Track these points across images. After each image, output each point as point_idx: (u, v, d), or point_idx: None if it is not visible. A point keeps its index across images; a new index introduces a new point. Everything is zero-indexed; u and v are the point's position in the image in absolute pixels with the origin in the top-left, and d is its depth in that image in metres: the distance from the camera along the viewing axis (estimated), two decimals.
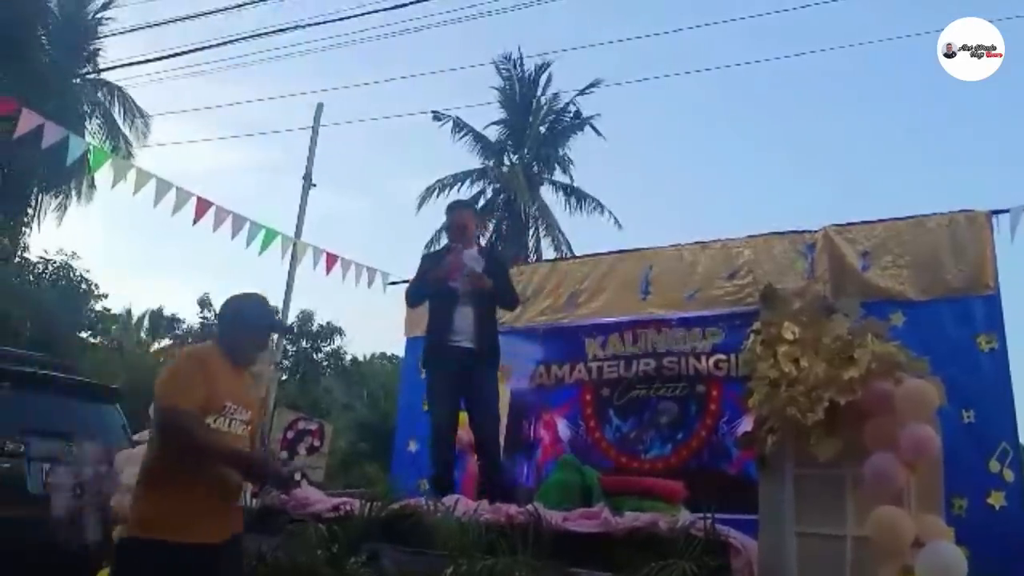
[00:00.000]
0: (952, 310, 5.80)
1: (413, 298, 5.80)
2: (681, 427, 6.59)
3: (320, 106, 12.98)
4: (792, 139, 58.13)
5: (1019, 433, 5.54)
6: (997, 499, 5.33)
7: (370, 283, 8.56)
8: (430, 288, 5.46)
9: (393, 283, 8.69)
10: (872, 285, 6.03)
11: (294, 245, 8.79)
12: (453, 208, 5.93)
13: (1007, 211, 5.87)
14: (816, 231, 6.46)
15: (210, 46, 11.28)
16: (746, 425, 4.55)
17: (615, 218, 23.40)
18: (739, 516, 3.94)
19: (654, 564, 3.37)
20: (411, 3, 10.25)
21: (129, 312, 29.32)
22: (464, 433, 6.40)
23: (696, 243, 7.04)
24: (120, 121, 23.26)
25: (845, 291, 5.84)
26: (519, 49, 24.42)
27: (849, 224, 6.39)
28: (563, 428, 7.05)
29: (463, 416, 6.51)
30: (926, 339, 5.24)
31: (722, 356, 6.48)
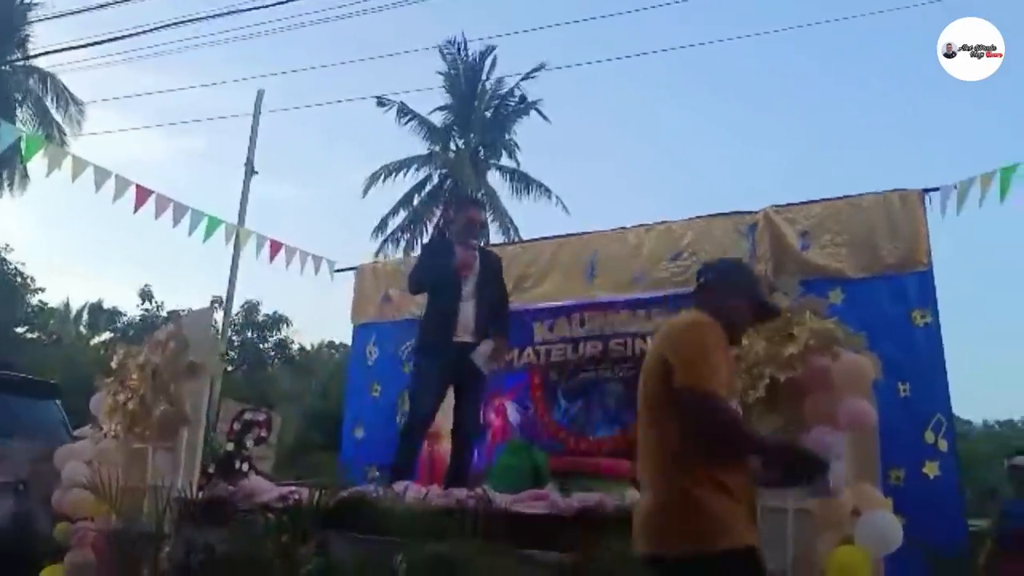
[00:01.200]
0: (888, 286, 5.95)
1: (416, 286, 5.80)
2: (627, 408, 6.66)
3: (261, 92, 12.82)
4: (736, 119, 58.88)
5: (952, 405, 5.72)
6: (932, 469, 5.49)
7: (316, 271, 8.46)
8: (437, 278, 5.50)
9: (339, 270, 8.61)
10: (811, 264, 6.15)
11: (237, 233, 8.64)
12: (466, 206, 6.11)
13: (938, 189, 6.02)
14: (757, 212, 6.55)
15: (146, 31, 11.01)
16: None
17: (562, 203, 23.50)
18: None
19: (602, 542, 3.41)
20: None
21: (67, 305, 28.68)
22: None
23: (640, 226, 7.10)
24: (52, 109, 22.61)
25: (786, 270, 5.96)
26: (463, 34, 24.22)
27: (789, 204, 6.50)
28: (512, 412, 7.08)
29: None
30: (863, 315, 5.37)
31: None
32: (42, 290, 23.63)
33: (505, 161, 24.54)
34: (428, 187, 23.99)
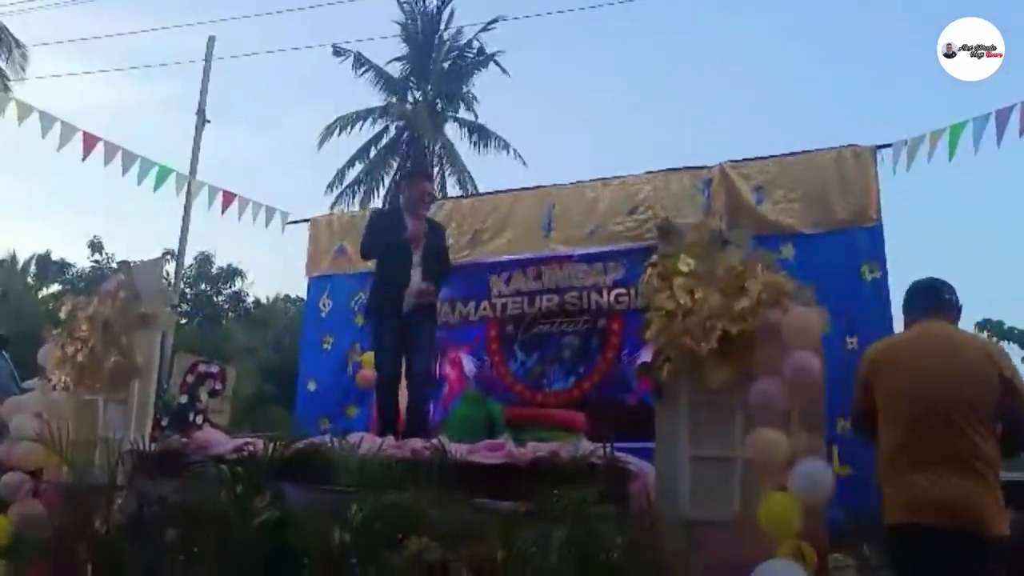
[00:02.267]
0: (838, 242, 6.07)
1: (368, 251, 5.85)
2: (583, 360, 6.74)
3: (212, 39, 12.49)
4: (698, 71, 58.81)
5: None
6: None
7: (267, 222, 8.37)
8: (389, 247, 5.56)
9: (293, 222, 8.53)
10: (765, 219, 6.24)
11: (189, 183, 8.49)
12: (419, 178, 6.14)
13: (890, 146, 6.12)
14: (712, 167, 6.62)
15: None
16: (645, 356, 4.68)
17: (520, 156, 23.38)
18: (638, 444, 4.09)
19: (556, 492, 3.46)
20: None
21: (14, 257, 27.96)
22: (370, 373, 6.41)
23: (598, 180, 7.12)
24: None
25: (740, 225, 6.00)
26: None
27: (744, 160, 6.57)
28: (468, 364, 7.12)
29: (371, 357, 6.54)
30: (815, 270, 5.47)
31: (622, 290, 6.62)
32: None
33: (463, 114, 24.31)
34: (385, 139, 23.68)
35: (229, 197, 8.23)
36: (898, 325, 5.82)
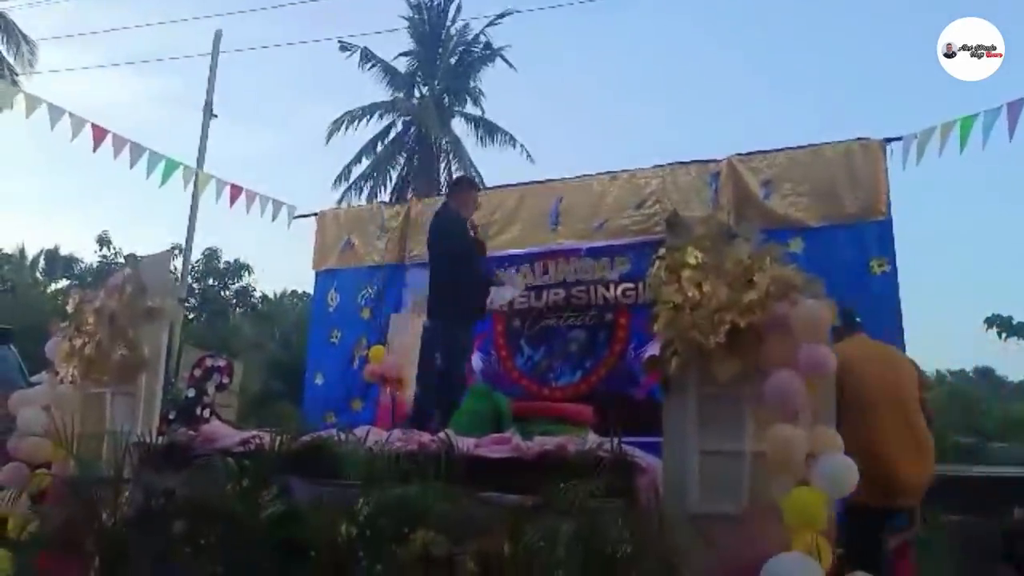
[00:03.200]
0: (848, 235, 6.04)
1: (443, 254, 5.90)
2: (590, 354, 6.72)
3: (219, 33, 12.41)
4: (706, 65, 58.69)
5: (907, 350, 5.83)
6: None
7: (274, 216, 8.35)
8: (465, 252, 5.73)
9: (300, 216, 8.52)
10: (773, 213, 6.21)
11: (196, 176, 8.48)
12: (473, 185, 6.55)
13: (900, 139, 6.07)
14: (720, 160, 6.59)
15: None
16: (653, 350, 4.66)
17: (527, 151, 23.31)
18: (646, 439, 4.06)
19: (563, 486, 3.44)
20: None
21: (22, 251, 28.06)
22: (377, 367, 6.41)
23: (605, 174, 7.10)
24: (2, 48, 21.84)
25: (748, 219, 6.02)
26: None
27: (752, 153, 6.53)
28: (476, 359, 7.10)
29: (379, 350, 6.53)
30: (823, 264, 5.45)
31: (630, 285, 6.60)
32: None
33: (470, 109, 24.24)
34: (392, 134, 23.66)
35: (236, 190, 8.22)
36: (908, 319, 5.83)
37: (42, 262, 28.40)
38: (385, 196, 22.39)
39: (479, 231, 5.91)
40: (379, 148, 23.50)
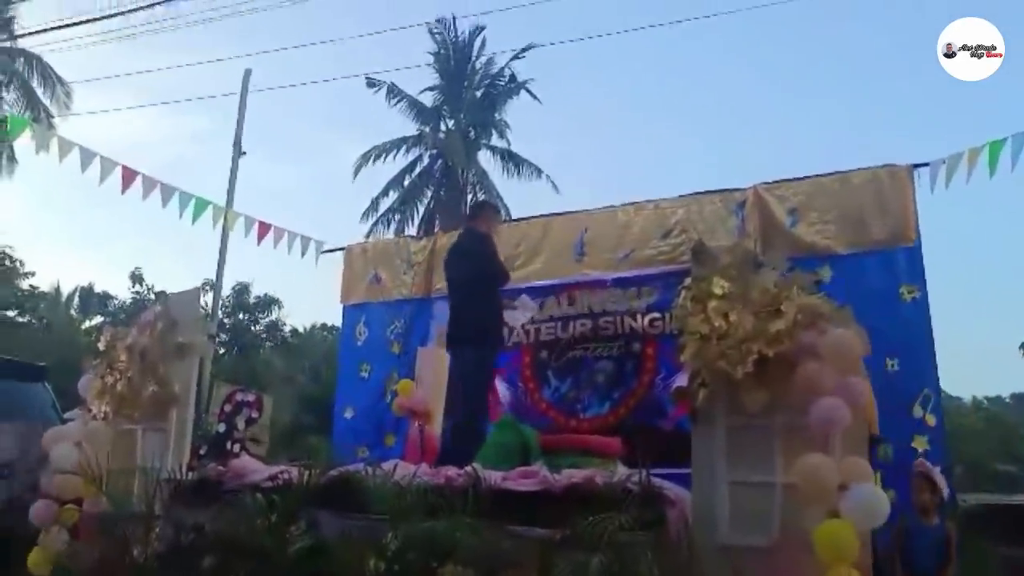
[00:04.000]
0: (876, 262, 5.97)
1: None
2: (618, 385, 6.68)
3: (248, 72, 12.68)
4: (729, 96, 58.77)
5: (940, 380, 5.75)
6: (920, 443, 5.54)
7: (303, 252, 8.44)
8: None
9: (328, 251, 8.60)
10: (800, 241, 6.17)
11: (225, 214, 8.60)
12: (498, 210, 6.73)
13: (927, 164, 6.03)
14: (746, 189, 6.57)
15: (132, 10, 10.86)
16: (681, 381, 4.63)
17: (552, 182, 23.40)
18: (675, 470, 4.02)
19: (591, 519, 3.41)
20: None
21: (58, 289, 28.53)
22: (405, 400, 6.41)
23: (630, 204, 7.10)
24: (39, 91, 22.35)
25: (774, 247, 5.98)
26: (452, 14, 24.00)
27: (778, 181, 6.51)
28: (503, 390, 7.08)
29: (407, 384, 6.55)
30: (852, 291, 5.39)
31: (657, 315, 6.56)
32: (32, 274, 23.50)
33: (496, 141, 24.41)
34: (419, 168, 23.85)
35: (265, 227, 8.32)
36: (941, 347, 5.74)
37: (77, 299, 28.84)
38: (413, 229, 22.55)
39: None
40: (407, 181, 23.69)
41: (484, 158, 24.27)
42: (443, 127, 24.40)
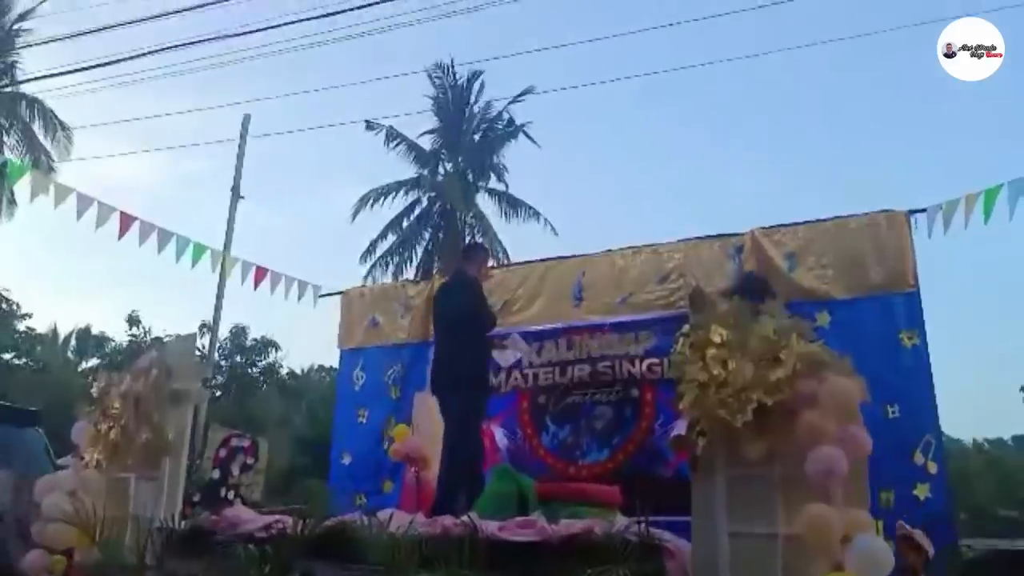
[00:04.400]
0: (875, 308, 5.96)
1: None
2: (616, 431, 6.63)
3: (247, 117, 12.77)
4: (726, 141, 59.29)
5: (941, 423, 5.71)
6: (922, 491, 5.48)
7: (300, 296, 8.44)
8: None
9: (325, 295, 8.58)
10: (798, 286, 6.16)
11: (223, 259, 8.61)
12: (488, 253, 6.69)
13: (924, 210, 6.04)
14: (743, 234, 6.57)
15: (133, 57, 10.98)
16: (680, 427, 4.58)
17: (551, 225, 23.50)
18: (675, 518, 3.97)
19: (590, 571, 3.36)
20: (339, 12, 10.10)
21: (55, 331, 28.50)
22: (401, 446, 6.36)
23: (628, 248, 7.10)
24: (41, 135, 22.52)
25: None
26: (451, 59, 24.25)
27: (775, 226, 6.51)
28: (500, 436, 7.02)
29: (403, 429, 6.50)
30: (851, 337, 5.38)
31: (655, 360, 6.53)
32: (29, 316, 23.52)
33: (494, 184, 24.54)
34: (417, 210, 23.95)
35: (262, 272, 8.33)
36: (942, 389, 5.71)
37: (74, 341, 28.80)
38: (411, 272, 22.60)
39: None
40: (405, 224, 23.78)
41: (482, 201, 24.41)
42: (441, 170, 24.56)
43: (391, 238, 23.63)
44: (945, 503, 5.54)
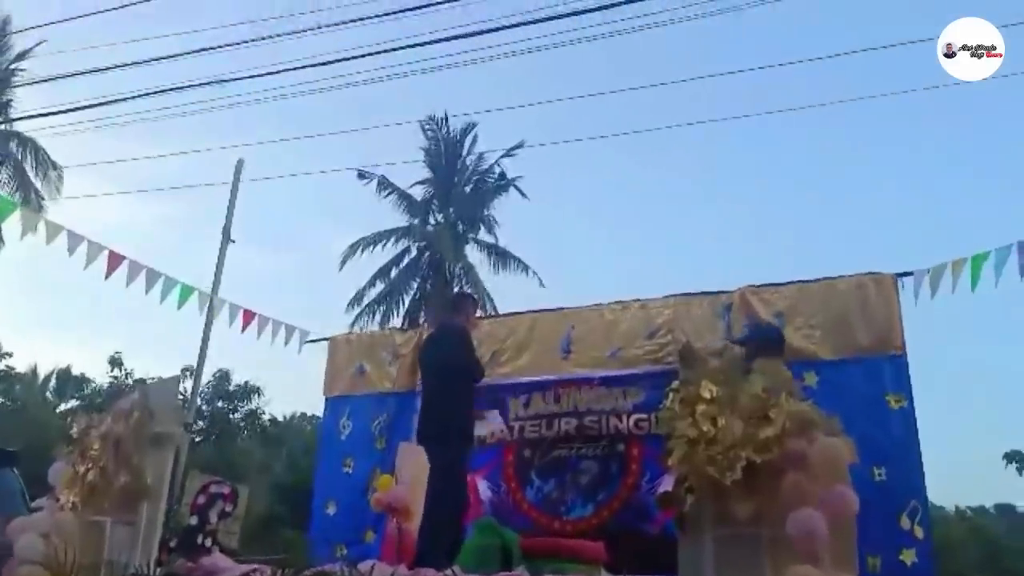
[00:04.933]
0: (863, 370, 5.96)
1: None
2: (602, 487, 6.57)
3: (241, 162, 12.77)
4: (715, 199, 59.91)
5: (927, 487, 5.68)
6: (909, 556, 5.43)
7: (287, 341, 8.39)
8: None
9: (312, 341, 8.53)
10: (787, 345, 6.15)
11: (210, 301, 8.57)
12: (478, 304, 6.60)
13: (911, 274, 6.09)
14: (733, 292, 6.60)
15: (127, 98, 11.01)
16: (667, 484, 4.55)
17: (539, 278, 23.55)
18: None
19: None
20: (334, 62, 10.17)
21: (35, 371, 28.15)
22: (383, 496, 6.27)
23: (616, 303, 7.11)
24: (32, 173, 22.53)
25: None
26: (444, 111, 24.50)
27: (764, 285, 6.55)
28: (484, 489, 6.94)
29: (387, 480, 6.42)
30: (838, 398, 5.37)
31: (642, 415, 6.50)
32: (9, 355, 23.25)
33: (484, 236, 24.61)
34: (406, 260, 23.96)
35: (249, 316, 8.29)
36: (924, 456, 5.69)
37: (54, 381, 28.43)
38: (398, 320, 22.53)
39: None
40: (393, 273, 23.77)
41: (471, 252, 24.44)
42: (432, 220, 24.64)
43: (379, 286, 23.59)
44: (931, 570, 5.49)
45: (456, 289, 23.02)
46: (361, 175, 22.97)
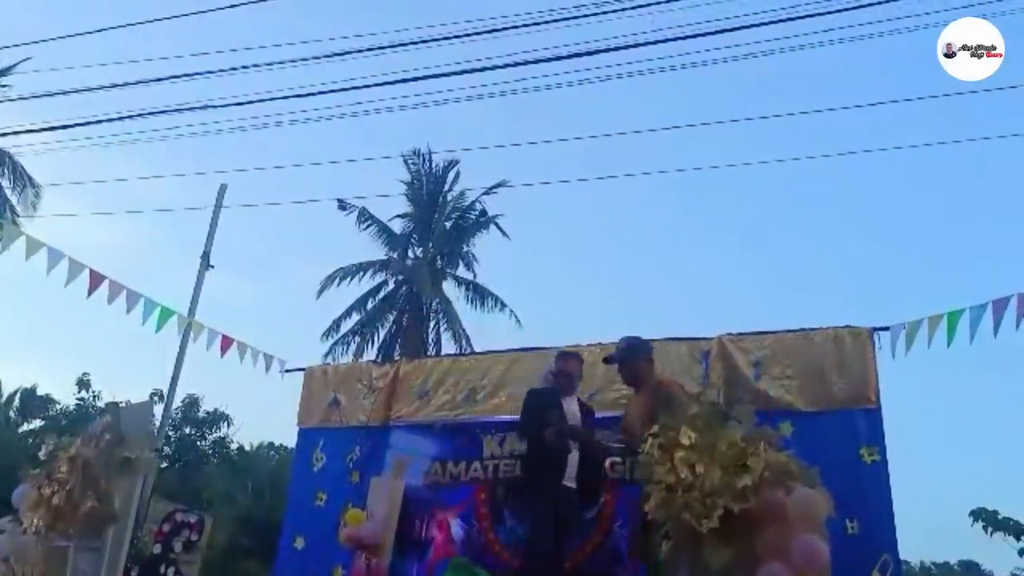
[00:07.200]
0: (837, 422, 6.00)
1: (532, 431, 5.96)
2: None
3: (223, 187, 12.74)
4: (696, 245, 60.46)
5: (898, 542, 5.69)
6: None
7: (267, 369, 8.32)
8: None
9: (290, 370, 8.47)
10: (763, 394, 6.19)
11: (189, 325, 8.50)
12: (566, 357, 6.37)
13: (887, 328, 6.16)
14: (711, 338, 6.64)
15: (110, 119, 10.95)
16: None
17: (516, 316, 23.56)
18: None
19: None
20: (320, 93, 10.21)
21: None
22: (353, 531, 6.20)
23: (595, 344, 7.11)
24: (8, 190, 22.32)
25: (738, 399, 5.97)
26: (427, 145, 24.63)
27: (742, 334, 6.59)
28: (456, 528, 6.86)
29: (357, 514, 6.34)
30: (812, 449, 5.35)
31: (618, 459, 6.48)
32: None
33: (462, 272, 24.65)
34: (383, 292, 23.92)
35: (228, 341, 8.22)
36: (899, 510, 5.72)
37: (18, 401, 27.89)
38: (372, 353, 22.45)
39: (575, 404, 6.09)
40: (369, 305, 23.71)
41: (449, 288, 24.46)
42: (411, 254, 24.66)
43: (355, 317, 23.52)
44: None
45: (432, 323, 23.00)
46: (342, 206, 23.00)
